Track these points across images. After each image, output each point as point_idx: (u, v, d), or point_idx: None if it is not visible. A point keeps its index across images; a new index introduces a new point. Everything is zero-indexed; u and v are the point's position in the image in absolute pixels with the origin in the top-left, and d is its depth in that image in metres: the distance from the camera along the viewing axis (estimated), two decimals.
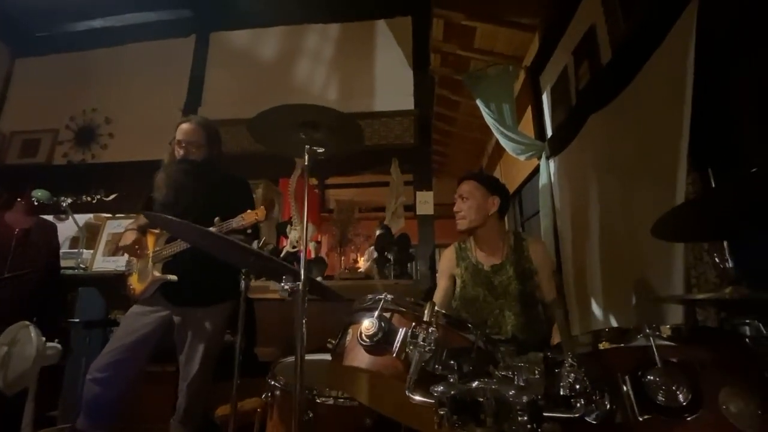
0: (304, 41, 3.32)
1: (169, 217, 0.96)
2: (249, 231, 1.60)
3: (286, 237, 3.01)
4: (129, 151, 3.28)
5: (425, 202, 2.69)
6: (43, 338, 2.02)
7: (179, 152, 1.74)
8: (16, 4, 3.51)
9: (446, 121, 4.80)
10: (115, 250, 2.93)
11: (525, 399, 0.48)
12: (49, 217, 2.73)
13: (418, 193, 2.70)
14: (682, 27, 1.40)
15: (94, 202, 3.12)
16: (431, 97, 3.20)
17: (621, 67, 1.79)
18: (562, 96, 2.48)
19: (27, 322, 1.99)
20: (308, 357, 1.24)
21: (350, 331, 0.72)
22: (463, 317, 0.68)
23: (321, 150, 0.85)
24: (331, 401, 0.86)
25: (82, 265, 2.88)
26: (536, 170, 2.84)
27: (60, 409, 2.40)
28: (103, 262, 2.85)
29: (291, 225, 2.88)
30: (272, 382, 0.97)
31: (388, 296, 0.69)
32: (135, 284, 1.78)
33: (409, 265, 2.91)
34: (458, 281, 1.51)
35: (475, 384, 0.53)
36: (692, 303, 1.16)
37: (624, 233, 1.82)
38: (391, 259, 3.08)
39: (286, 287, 0.76)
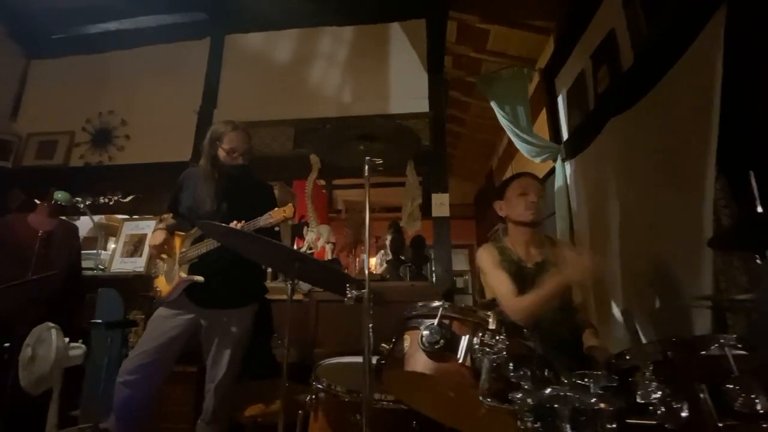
0: (318, 44, 3.34)
1: (222, 224, 0.98)
2: (277, 229, 1.63)
3: (302, 238, 3.04)
4: (145, 153, 3.31)
5: (441, 204, 2.70)
6: (67, 339, 2.06)
7: (231, 158, 1.72)
8: (32, 6, 3.54)
9: (456, 123, 4.82)
10: (133, 249, 2.96)
11: (611, 407, 0.50)
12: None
13: (433, 195, 2.72)
14: (710, 33, 1.41)
15: (111, 203, 3.15)
16: (446, 99, 3.21)
17: (644, 72, 1.80)
18: (579, 99, 2.49)
19: (51, 324, 2.02)
20: (346, 359, 1.27)
21: (407, 337, 0.74)
22: (521, 325, 0.69)
23: (380, 161, 0.86)
24: (379, 404, 0.87)
25: (100, 266, 2.91)
26: (550, 172, 2.85)
27: (81, 409, 2.44)
28: (121, 263, 2.88)
29: (308, 227, 2.90)
30: (317, 384, 0.99)
31: (446, 304, 0.71)
32: (162, 286, 1.81)
33: (424, 267, 2.92)
34: None
35: (548, 391, 0.55)
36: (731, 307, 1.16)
37: (645, 237, 1.84)
38: (406, 260, 3.10)
39: (351, 295, 0.78)
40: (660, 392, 0.53)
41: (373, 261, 4.98)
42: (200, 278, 1.69)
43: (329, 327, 2.62)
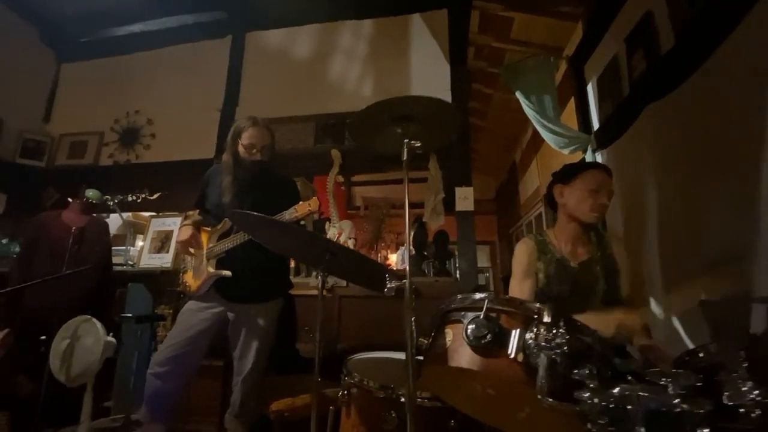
0: (338, 38, 3.31)
1: (254, 212, 0.97)
2: (303, 223, 1.62)
3: (324, 234, 3.03)
4: (170, 152, 3.37)
5: (465, 198, 2.64)
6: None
7: (250, 154, 1.72)
8: (61, 11, 3.66)
9: (478, 116, 4.72)
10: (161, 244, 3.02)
11: (699, 409, 0.45)
12: None
13: (457, 189, 2.66)
14: (762, 9, 1.31)
15: (139, 201, 3.23)
16: (469, 91, 3.14)
17: (685, 55, 1.69)
18: (611, 86, 2.38)
19: (89, 317, 2.08)
20: (376, 355, 1.24)
21: (449, 331, 0.70)
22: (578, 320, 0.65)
23: (418, 144, 0.81)
24: (415, 401, 0.83)
25: (130, 262, 2.98)
26: None
27: (114, 400, 2.51)
28: (149, 259, 2.95)
29: (329, 222, 2.89)
30: (349, 379, 0.96)
31: (491, 295, 0.67)
32: (190, 281, 1.83)
33: (447, 262, 2.87)
34: (540, 276, 1.40)
35: (618, 390, 0.50)
36: None
37: (686, 230, 1.73)
38: (428, 256, 3.05)
39: (391, 286, 0.74)
40: (756, 393, 0.47)
41: (393, 257, 4.94)
42: (228, 273, 1.70)
43: (353, 322, 2.61)
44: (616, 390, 0.50)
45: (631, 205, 2.19)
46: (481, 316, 0.63)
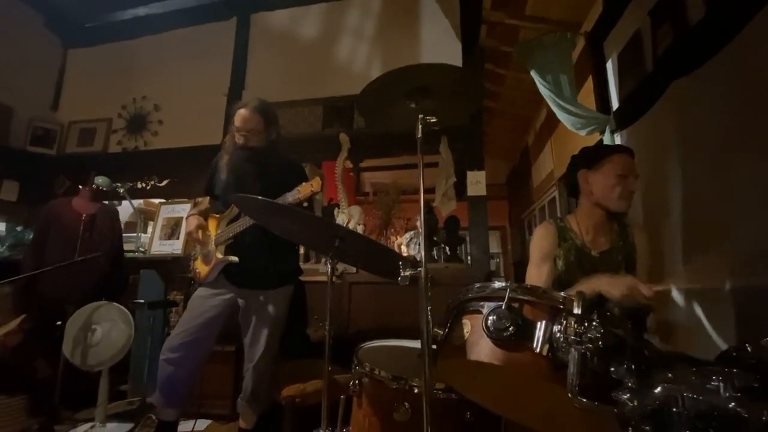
0: (345, 18, 3.21)
1: (258, 197, 0.93)
2: (305, 204, 1.58)
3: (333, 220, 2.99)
4: (178, 137, 3.35)
5: (477, 183, 2.57)
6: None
7: (239, 139, 1.71)
8: None
9: (489, 97, 4.56)
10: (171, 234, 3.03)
11: (759, 415, 0.40)
12: None
13: (469, 173, 2.59)
14: None
15: (148, 188, 3.23)
16: (481, 71, 3.02)
17: (718, 26, 1.57)
18: (633, 63, 2.25)
19: (115, 303, 2.14)
20: (387, 343, 1.21)
21: (466, 322, 0.65)
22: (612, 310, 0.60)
23: (434, 120, 0.75)
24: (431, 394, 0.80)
25: (141, 249, 3.00)
26: None
27: (129, 384, 2.56)
28: (160, 246, 2.96)
29: (338, 208, 2.85)
30: (360, 369, 0.93)
31: (513, 284, 0.62)
32: (200, 268, 1.81)
33: (458, 248, 2.82)
34: (558, 263, 1.33)
35: (659, 390, 0.45)
36: None
37: (714, 216, 1.64)
38: (439, 242, 3.00)
39: (406, 274, 0.70)
40: None
41: (400, 240, 4.90)
42: (235, 258, 1.68)
43: (362, 309, 2.60)
44: (657, 390, 0.45)
45: (651, 189, 2.09)
46: (503, 307, 0.59)
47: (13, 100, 3.42)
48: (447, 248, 2.91)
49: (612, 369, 0.51)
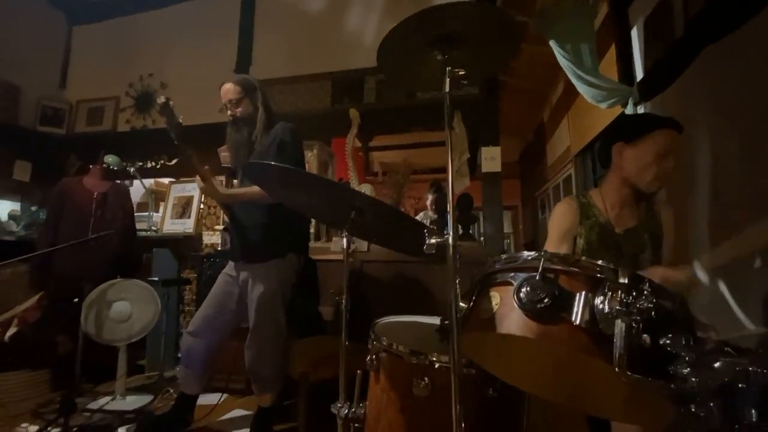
0: None
1: (274, 164, 0.89)
2: None
3: None
4: (185, 115, 3.26)
5: (492, 159, 2.49)
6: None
7: (228, 113, 1.78)
8: None
9: (504, 71, 4.40)
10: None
11: None
12: None
13: (483, 149, 2.51)
14: None
15: (158, 167, 3.22)
16: None
17: None
18: (661, 28, 2.12)
19: (139, 281, 2.19)
20: (403, 318, 1.19)
21: (495, 294, 0.62)
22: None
23: (463, 72, 0.68)
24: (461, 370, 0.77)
25: (153, 228, 3.02)
26: None
27: (147, 359, 2.62)
28: (172, 225, 2.97)
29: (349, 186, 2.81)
30: (378, 344, 0.91)
31: (548, 253, 0.58)
32: None
33: (471, 227, 2.77)
34: (579, 241, 1.27)
35: (719, 364, 0.41)
36: None
37: (746, 191, 1.56)
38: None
39: (432, 242, 0.66)
40: None
41: None
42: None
43: (376, 287, 2.59)
44: (718, 364, 0.42)
45: (678, 164, 1.99)
46: (537, 277, 0.55)
47: (20, 78, 3.39)
48: (459, 226, 2.86)
49: (668, 342, 0.47)
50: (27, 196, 3.39)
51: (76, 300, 2.09)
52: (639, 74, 2.43)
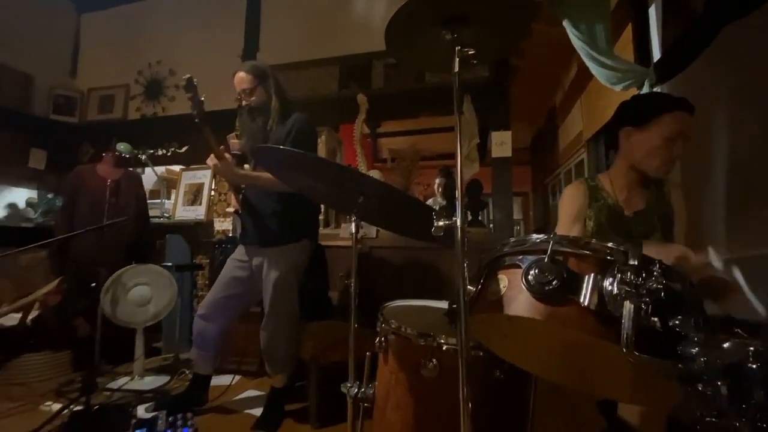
0: None
1: (281, 147, 0.90)
2: None
3: None
4: None
5: (502, 143, 2.46)
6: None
7: (242, 101, 1.77)
8: None
9: (515, 53, 4.29)
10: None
11: None
12: None
13: (494, 133, 2.48)
14: None
15: (169, 154, 3.25)
16: None
17: None
18: (680, 6, 2.04)
19: (155, 265, 2.26)
20: (412, 302, 1.21)
21: (503, 277, 0.62)
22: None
23: (472, 52, 0.66)
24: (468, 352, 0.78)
25: (166, 214, 3.07)
26: None
27: (163, 342, 2.70)
28: (184, 212, 3.01)
29: None
30: (386, 326, 0.92)
31: (557, 236, 0.58)
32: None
33: (480, 213, 2.75)
34: (589, 224, 1.27)
35: (729, 345, 0.41)
36: None
37: (766, 178, 1.51)
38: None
39: (440, 224, 0.66)
40: None
41: None
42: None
43: (384, 273, 2.61)
44: (727, 345, 0.42)
45: (694, 147, 1.94)
46: (546, 260, 0.55)
47: (32, 68, 3.43)
48: (468, 213, 2.85)
49: (677, 323, 0.47)
50: (43, 184, 3.46)
51: (93, 285, 2.16)
52: (656, 55, 2.35)
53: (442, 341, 0.80)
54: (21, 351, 2.18)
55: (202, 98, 1.58)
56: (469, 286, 0.67)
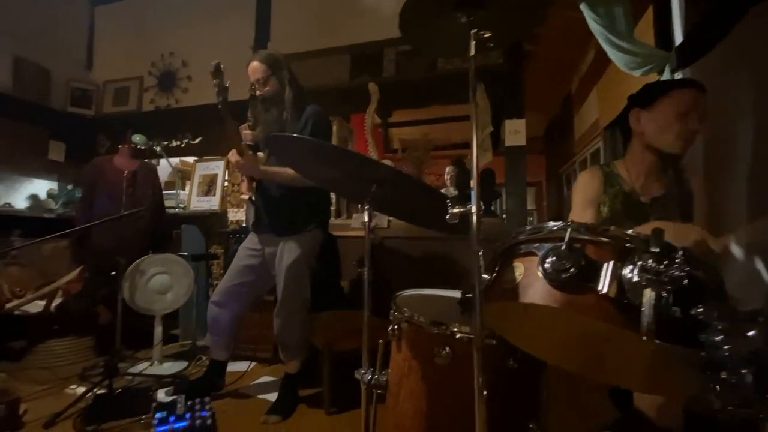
0: None
1: (293, 135, 0.90)
2: None
3: None
4: (207, 94, 3.31)
5: (516, 132, 2.42)
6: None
7: (256, 91, 1.76)
8: None
9: (529, 39, 4.18)
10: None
11: None
12: None
13: (507, 121, 2.43)
14: None
15: (183, 145, 3.29)
16: None
17: None
18: None
19: (173, 255, 2.33)
20: (424, 291, 1.21)
21: (518, 264, 0.61)
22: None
23: (488, 35, 0.65)
24: (467, 338, 0.79)
25: (181, 205, 3.12)
26: None
27: (181, 329, 2.77)
28: (198, 202, 3.06)
29: None
30: (399, 314, 0.93)
31: (574, 223, 0.57)
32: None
33: (493, 203, 2.73)
34: (603, 209, 1.25)
35: (753, 333, 0.40)
36: None
37: None
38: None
39: (455, 211, 0.66)
40: None
41: None
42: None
43: (396, 263, 2.62)
44: (752, 333, 0.41)
45: (717, 132, 1.88)
46: (563, 247, 0.54)
47: (48, 61, 3.49)
48: (481, 203, 2.82)
49: (700, 311, 0.46)
50: (63, 176, 3.55)
51: (113, 273, 2.22)
52: (678, 39, 2.26)
53: (455, 329, 0.80)
54: (46, 337, 2.27)
55: (227, 84, 1.58)
56: (483, 275, 0.67)
